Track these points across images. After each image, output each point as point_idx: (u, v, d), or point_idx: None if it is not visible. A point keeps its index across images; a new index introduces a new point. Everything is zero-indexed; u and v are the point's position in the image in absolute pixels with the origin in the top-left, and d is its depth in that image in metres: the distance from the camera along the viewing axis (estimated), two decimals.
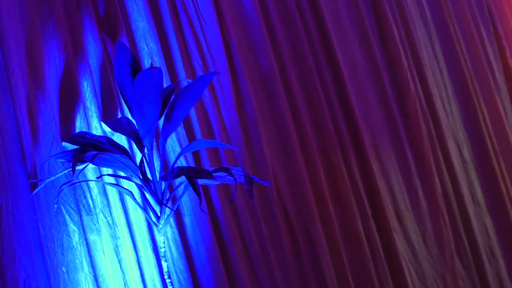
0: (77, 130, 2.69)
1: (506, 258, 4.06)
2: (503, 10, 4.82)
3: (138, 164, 2.48)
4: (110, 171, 2.60)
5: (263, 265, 3.06)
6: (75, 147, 2.43)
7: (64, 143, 2.57)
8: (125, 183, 2.66)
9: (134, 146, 2.65)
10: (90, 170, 2.63)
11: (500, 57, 4.65)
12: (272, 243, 3.13)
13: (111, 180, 2.66)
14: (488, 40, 4.62)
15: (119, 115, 2.81)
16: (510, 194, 4.23)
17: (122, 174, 2.58)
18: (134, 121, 2.51)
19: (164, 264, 2.53)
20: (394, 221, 3.61)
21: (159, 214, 2.49)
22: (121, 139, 2.69)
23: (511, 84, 4.62)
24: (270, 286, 3.06)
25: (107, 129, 2.69)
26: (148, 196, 2.51)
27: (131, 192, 2.60)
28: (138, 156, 2.62)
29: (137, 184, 2.54)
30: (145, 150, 2.52)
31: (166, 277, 2.53)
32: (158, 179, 2.50)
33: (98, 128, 2.74)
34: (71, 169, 2.28)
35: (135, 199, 2.58)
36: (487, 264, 3.94)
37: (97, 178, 2.64)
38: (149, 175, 2.51)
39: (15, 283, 2.36)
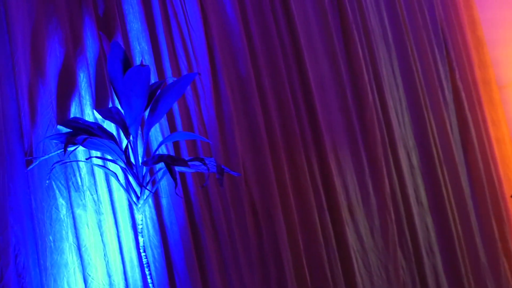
0: (72, 116, 2.67)
1: (443, 253, 4.09)
2: (455, 37, 4.85)
3: (123, 149, 2.48)
4: (98, 154, 2.59)
5: (229, 246, 3.06)
6: (68, 130, 2.42)
7: (59, 126, 2.55)
8: (111, 165, 2.65)
9: (121, 133, 2.63)
10: (80, 152, 2.62)
11: (450, 77, 4.67)
12: (238, 226, 3.13)
13: (99, 162, 2.64)
14: (440, 62, 4.65)
15: (110, 105, 2.79)
16: (450, 198, 4.26)
17: (108, 157, 2.56)
18: (122, 111, 2.50)
19: (140, 239, 2.53)
20: (346, 215, 3.62)
21: (139, 195, 2.49)
22: (110, 126, 2.67)
23: (458, 102, 4.65)
24: (234, 265, 3.06)
25: (98, 116, 2.67)
26: (130, 178, 2.51)
27: (115, 174, 2.58)
28: (124, 142, 2.61)
29: (121, 167, 2.52)
30: (131, 138, 2.51)
31: (141, 250, 2.53)
32: (140, 164, 2.49)
33: (91, 115, 2.72)
34: (63, 149, 2.27)
35: (119, 180, 2.58)
36: (425, 257, 3.96)
37: (86, 159, 2.62)
38: (132, 160, 2.51)
39: (6, 248, 2.34)
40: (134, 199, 2.51)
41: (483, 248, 4.35)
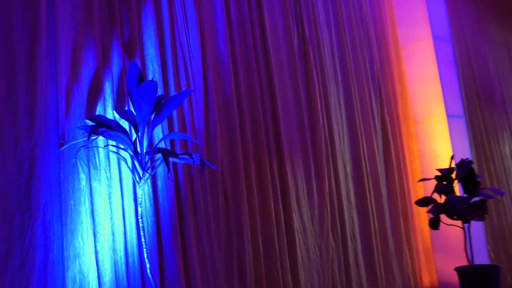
0: (97, 113, 2.68)
1: (362, 240, 4.15)
2: (387, 83, 4.95)
3: (132, 141, 2.49)
4: (113, 143, 2.60)
5: (204, 220, 3.08)
6: (93, 124, 2.44)
7: (86, 120, 2.57)
8: (122, 152, 2.67)
9: (133, 130, 2.64)
10: (100, 140, 2.63)
11: (380, 112, 4.75)
12: (212, 206, 3.16)
13: (113, 149, 2.65)
14: (374, 100, 4.73)
15: (126, 108, 2.81)
16: (371, 199, 4.32)
17: (121, 146, 2.58)
18: (135, 113, 2.51)
19: (139, 209, 2.54)
20: (294, 205, 3.66)
21: (141, 176, 2.51)
22: (125, 124, 2.68)
23: (384, 130, 4.72)
24: (207, 234, 3.07)
25: (116, 116, 2.69)
26: (136, 163, 2.52)
27: (125, 159, 2.61)
28: (134, 136, 2.61)
29: (130, 154, 2.53)
30: (139, 133, 2.53)
31: (139, 218, 2.53)
32: (144, 153, 2.51)
33: (111, 114, 2.74)
34: (87, 137, 2.30)
35: (127, 164, 2.59)
36: (349, 241, 4.02)
37: (104, 146, 2.63)
38: (139, 150, 2.52)
39: (38, 207, 2.33)
40: (137, 179, 2.52)
41: (392, 238, 4.42)
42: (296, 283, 3.51)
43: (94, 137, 2.43)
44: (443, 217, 3.09)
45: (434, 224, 3.06)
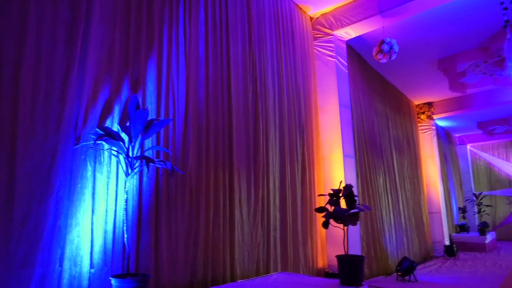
0: (105, 125, 2.57)
1: (280, 231, 4.13)
2: (308, 131, 5.00)
3: (127, 148, 2.39)
4: (114, 148, 2.49)
5: (173, 207, 2.99)
6: (101, 132, 2.33)
7: (97, 129, 2.46)
8: (120, 156, 2.56)
9: (128, 140, 2.55)
10: (106, 145, 2.52)
11: (301, 148, 4.78)
12: (181, 198, 3.07)
13: (114, 152, 2.54)
14: (299, 140, 4.77)
15: (127, 124, 2.71)
16: (290, 205, 4.31)
17: (119, 151, 2.48)
18: (131, 129, 2.42)
19: (125, 196, 2.42)
20: (237, 203, 3.61)
21: (129, 173, 2.40)
22: (124, 135, 2.58)
23: (303, 162, 4.74)
24: (175, 217, 2.99)
25: (119, 129, 2.59)
26: (127, 163, 2.42)
27: (120, 160, 2.50)
28: (127, 144, 2.52)
29: (123, 157, 2.43)
30: (132, 143, 2.43)
31: (125, 202, 2.41)
32: (133, 157, 2.40)
33: (116, 127, 2.63)
34: (95, 141, 2.19)
35: (121, 163, 2.50)
36: (272, 231, 3.99)
37: (107, 149, 2.52)
38: (131, 154, 2.42)
39: (54, 186, 2.24)
40: (127, 173, 2.42)
41: (301, 233, 4.41)
42: (232, 257, 3.45)
43: (100, 142, 2.31)
44: (332, 221, 3.08)
45: (325, 225, 3.05)
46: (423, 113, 9.57)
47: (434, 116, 9.74)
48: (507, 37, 3.46)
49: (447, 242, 9.16)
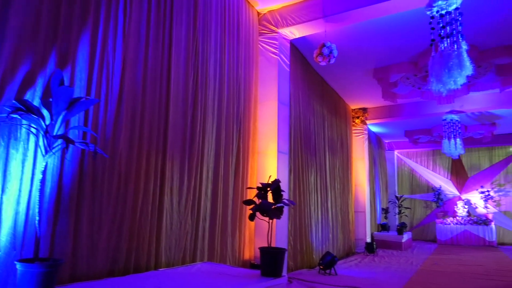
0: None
1: (210, 222, 4.13)
2: (246, 123, 5.03)
3: (46, 125, 2.22)
4: (33, 125, 2.30)
5: (99, 192, 2.87)
6: (19, 105, 2.14)
7: (13, 101, 2.24)
8: (39, 133, 2.38)
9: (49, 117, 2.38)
10: (24, 121, 2.32)
11: (237, 140, 4.80)
12: (108, 183, 2.95)
13: (33, 130, 2.35)
14: (236, 131, 4.78)
15: (50, 100, 2.53)
16: (221, 196, 4.34)
17: (39, 128, 2.30)
18: (53, 105, 2.25)
19: (40, 176, 2.26)
20: (168, 191, 3.56)
21: (48, 151, 2.24)
22: (46, 112, 2.40)
23: (238, 153, 4.77)
24: (99, 202, 2.86)
25: (40, 103, 2.41)
26: (45, 141, 2.25)
27: (38, 138, 2.33)
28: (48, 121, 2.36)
29: (42, 135, 2.26)
30: (53, 121, 2.27)
31: (39, 182, 2.25)
32: (53, 135, 2.25)
33: (37, 102, 2.45)
34: (8, 115, 2.02)
35: (38, 141, 2.31)
36: (201, 222, 3.98)
37: (24, 125, 2.33)
38: (52, 133, 2.27)
39: None
40: (43, 153, 2.25)
41: (230, 224, 4.45)
42: (158, 245, 3.40)
43: (15, 116, 2.13)
44: (259, 214, 3.15)
45: (251, 217, 3.12)
46: (358, 117, 10.11)
47: (368, 121, 10.34)
48: (431, 54, 3.78)
49: (368, 240, 9.81)
